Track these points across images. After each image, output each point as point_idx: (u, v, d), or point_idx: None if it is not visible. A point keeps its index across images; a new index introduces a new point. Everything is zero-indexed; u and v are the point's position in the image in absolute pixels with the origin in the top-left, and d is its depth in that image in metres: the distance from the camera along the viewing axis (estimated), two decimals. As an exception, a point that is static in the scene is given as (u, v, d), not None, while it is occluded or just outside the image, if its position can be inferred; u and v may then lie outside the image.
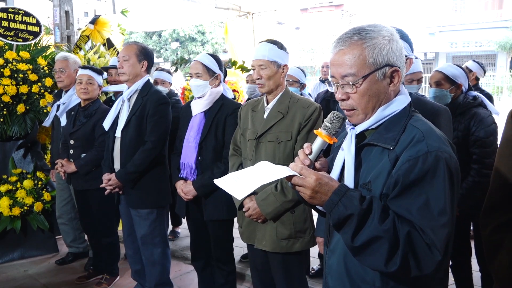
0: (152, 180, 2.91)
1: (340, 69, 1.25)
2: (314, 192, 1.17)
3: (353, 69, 1.22)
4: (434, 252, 1.12)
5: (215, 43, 25.03)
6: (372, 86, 1.23)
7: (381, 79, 1.24)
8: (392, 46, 1.24)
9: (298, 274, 2.32)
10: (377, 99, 1.25)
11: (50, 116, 3.72)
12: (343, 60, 1.24)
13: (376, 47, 1.22)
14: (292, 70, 3.47)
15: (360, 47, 1.22)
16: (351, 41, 1.23)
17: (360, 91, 1.23)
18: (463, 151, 2.58)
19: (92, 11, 17.56)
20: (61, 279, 3.63)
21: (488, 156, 2.55)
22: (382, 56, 1.22)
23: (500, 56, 22.97)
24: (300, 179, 1.19)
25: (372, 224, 1.12)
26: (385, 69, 1.23)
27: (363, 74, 1.22)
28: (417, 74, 2.71)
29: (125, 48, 2.87)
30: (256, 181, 1.23)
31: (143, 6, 6.84)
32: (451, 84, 2.69)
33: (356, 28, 1.26)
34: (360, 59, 1.22)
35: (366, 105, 1.25)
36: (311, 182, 1.17)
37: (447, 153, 1.16)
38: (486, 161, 2.55)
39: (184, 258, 4.01)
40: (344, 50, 1.24)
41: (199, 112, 2.69)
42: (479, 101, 2.66)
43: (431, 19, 23.93)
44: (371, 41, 1.22)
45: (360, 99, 1.24)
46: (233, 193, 1.26)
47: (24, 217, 3.95)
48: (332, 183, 1.19)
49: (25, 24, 4.09)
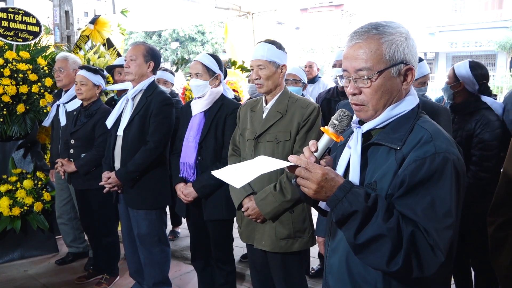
0: (152, 180, 2.91)
1: (354, 63, 1.22)
2: (320, 187, 1.15)
3: (368, 63, 1.20)
4: (437, 253, 1.10)
5: (215, 43, 25.03)
6: (386, 82, 1.22)
7: (395, 76, 1.22)
8: (409, 44, 1.23)
9: (298, 274, 2.32)
10: (389, 96, 1.23)
11: (49, 116, 3.72)
12: (358, 53, 1.22)
13: (394, 43, 1.20)
14: (294, 70, 3.47)
15: (377, 41, 1.20)
16: (368, 35, 1.22)
17: (374, 86, 1.22)
18: (464, 151, 2.58)
19: (92, 11, 17.56)
20: (61, 279, 3.63)
21: (487, 160, 2.53)
22: (398, 53, 1.21)
23: (500, 56, 22.95)
24: (306, 172, 1.16)
25: (376, 222, 1.11)
26: (400, 66, 1.22)
27: (379, 69, 1.20)
28: (427, 76, 2.84)
29: (133, 48, 2.88)
30: (255, 171, 1.21)
31: (143, 6, 6.84)
32: (454, 81, 2.76)
33: (373, 23, 1.24)
34: (377, 54, 1.20)
35: (378, 101, 1.23)
36: (317, 177, 1.15)
37: (455, 155, 1.15)
38: (484, 164, 2.54)
39: (184, 258, 4.02)
40: (360, 43, 1.22)
41: (199, 112, 2.69)
42: (488, 105, 2.65)
43: (431, 19, 23.92)
44: (388, 36, 1.21)
45: (373, 95, 1.22)
46: (231, 182, 1.22)
47: (24, 217, 3.95)
48: (337, 178, 1.17)
49: (25, 24, 4.09)
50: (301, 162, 1.17)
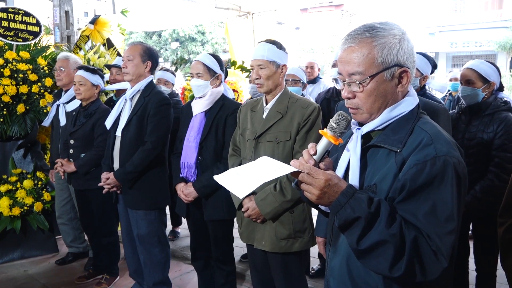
0: (151, 180, 2.90)
1: (347, 67, 1.22)
2: (323, 192, 1.14)
3: (360, 68, 1.19)
4: (440, 258, 1.09)
5: (215, 43, 25.03)
6: (379, 86, 1.20)
7: (389, 79, 1.20)
8: (403, 45, 1.20)
9: (298, 274, 2.32)
10: (384, 100, 1.22)
11: (49, 116, 3.72)
12: (351, 57, 1.20)
13: (386, 46, 1.18)
14: (294, 70, 3.47)
15: (369, 45, 1.19)
16: (360, 38, 1.20)
17: (366, 90, 1.20)
18: (484, 152, 2.54)
19: (92, 11, 17.56)
20: (61, 279, 3.62)
21: (510, 162, 2.49)
22: (391, 56, 1.19)
23: (500, 56, 22.96)
24: (309, 177, 1.14)
25: (379, 228, 1.09)
26: (394, 69, 1.20)
27: (371, 73, 1.19)
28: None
29: (130, 48, 2.88)
30: (258, 179, 1.19)
31: (143, 6, 6.84)
32: (483, 83, 2.58)
33: (367, 25, 1.22)
34: (369, 58, 1.19)
35: (372, 105, 1.22)
36: (320, 183, 1.13)
37: (455, 158, 1.13)
38: (507, 166, 2.49)
39: (184, 258, 4.01)
40: (353, 47, 1.21)
41: (200, 112, 2.69)
42: (509, 105, 2.59)
43: (431, 19, 23.92)
44: (381, 39, 1.19)
45: (366, 99, 1.21)
46: (233, 191, 1.22)
47: (24, 217, 3.95)
48: (340, 183, 1.15)
49: (25, 24, 4.09)
50: (304, 168, 1.16)
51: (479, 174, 2.56)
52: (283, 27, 8.25)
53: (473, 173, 2.45)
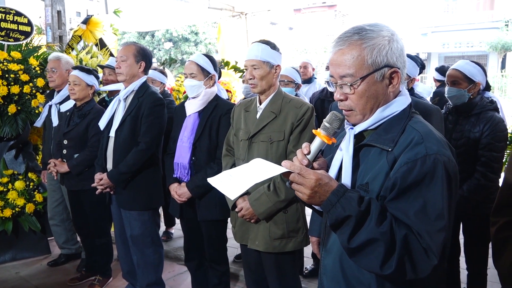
0: (144, 181, 2.89)
1: (338, 69, 1.23)
2: (314, 192, 1.15)
3: (351, 70, 1.21)
4: (431, 256, 1.10)
5: (209, 43, 25.01)
6: (370, 87, 1.22)
7: (379, 80, 1.22)
8: (392, 46, 1.22)
9: (291, 274, 2.32)
10: (375, 100, 1.24)
11: (41, 117, 3.70)
12: (342, 60, 1.22)
13: (375, 48, 1.20)
14: (287, 71, 3.47)
15: (359, 47, 1.20)
16: (350, 41, 1.22)
17: (358, 92, 1.22)
18: (471, 152, 2.56)
19: (84, 11, 17.44)
20: (53, 280, 3.60)
21: (497, 161, 2.52)
22: (381, 57, 1.20)
23: (491, 56, 23.19)
24: (300, 177, 1.16)
25: (370, 226, 1.11)
26: (384, 70, 1.21)
27: (361, 75, 1.20)
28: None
29: (124, 48, 2.86)
30: (250, 180, 1.21)
31: (136, 6, 6.81)
32: (469, 83, 2.60)
33: (356, 28, 1.24)
34: (359, 60, 1.20)
35: (364, 106, 1.24)
36: (311, 182, 1.15)
37: (446, 156, 1.15)
38: (494, 166, 2.52)
39: (177, 258, 4.00)
40: (343, 50, 1.22)
41: (193, 112, 2.69)
42: (495, 105, 2.61)
43: (423, 19, 24.10)
44: (370, 41, 1.20)
45: (358, 100, 1.23)
46: (226, 192, 1.24)
47: (16, 218, 3.92)
48: (331, 183, 1.17)
49: (17, 24, 4.05)
50: (295, 168, 1.18)
51: (466, 174, 2.57)
52: (277, 27, 8.25)
53: (461, 173, 2.47)
